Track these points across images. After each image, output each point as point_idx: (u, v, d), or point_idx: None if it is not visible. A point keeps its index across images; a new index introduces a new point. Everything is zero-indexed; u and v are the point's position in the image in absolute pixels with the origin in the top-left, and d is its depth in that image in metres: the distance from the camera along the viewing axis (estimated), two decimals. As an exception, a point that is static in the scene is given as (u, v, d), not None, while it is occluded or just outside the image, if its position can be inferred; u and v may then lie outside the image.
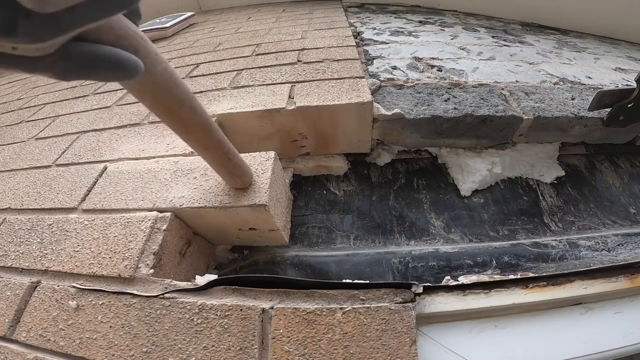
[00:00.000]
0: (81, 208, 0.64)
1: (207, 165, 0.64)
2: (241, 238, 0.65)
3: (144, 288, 0.49)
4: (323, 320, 0.42)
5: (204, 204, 0.56)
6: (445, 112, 0.77)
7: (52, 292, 0.51)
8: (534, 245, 0.68)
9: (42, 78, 1.78)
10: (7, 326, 0.50)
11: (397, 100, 0.84)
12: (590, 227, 0.71)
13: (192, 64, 1.22)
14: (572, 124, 0.79)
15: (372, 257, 0.67)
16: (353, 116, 0.76)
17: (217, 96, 0.90)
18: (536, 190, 0.78)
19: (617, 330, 0.44)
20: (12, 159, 0.89)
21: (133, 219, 0.57)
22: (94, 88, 1.26)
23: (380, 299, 0.44)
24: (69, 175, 0.73)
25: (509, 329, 0.45)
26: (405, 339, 0.41)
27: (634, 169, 0.83)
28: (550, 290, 0.46)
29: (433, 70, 1.03)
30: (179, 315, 0.45)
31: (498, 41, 1.36)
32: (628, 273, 0.47)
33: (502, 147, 0.83)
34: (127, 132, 0.84)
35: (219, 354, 0.42)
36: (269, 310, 0.44)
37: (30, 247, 0.59)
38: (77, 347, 0.45)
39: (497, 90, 0.88)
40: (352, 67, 0.95)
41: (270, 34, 1.47)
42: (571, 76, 1.00)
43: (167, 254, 0.54)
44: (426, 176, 0.83)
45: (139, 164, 0.70)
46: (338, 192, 0.81)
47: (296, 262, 0.67)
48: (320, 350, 0.41)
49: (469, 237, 0.70)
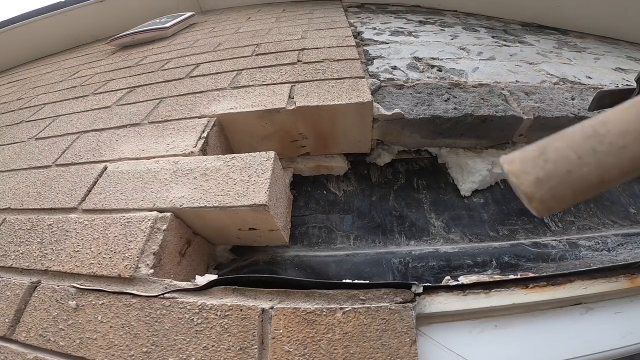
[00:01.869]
0: (81, 208, 0.64)
1: (207, 165, 0.64)
2: (241, 238, 0.65)
3: (144, 288, 0.49)
4: (323, 320, 0.42)
5: (204, 204, 0.56)
6: (445, 112, 0.77)
7: (52, 292, 0.51)
8: (534, 245, 0.67)
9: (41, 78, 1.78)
10: (7, 326, 0.50)
11: (397, 100, 0.84)
12: (590, 227, 0.71)
13: (192, 64, 1.22)
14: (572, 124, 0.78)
15: (372, 257, 0.67)
16: (353, 116, 0.76)
17: (217, 96, 0.90)
18: (536, 190, 0.78)
19: (617, 330, 0.44)
20: (12, 159, 0.89)
21: (133, 219, 0.57)
22: (94, 88, 1.26)
23: (380, 299, 0.44)
24: (69, 175, 0.73)
25: (509, 329, 0.45)
26: (405, 339, 0.41)
27: (634, 169, 0.83)
28: (550, 290, 0.46)
29: (433, 70, 1.03)
30: (179, 315, 0.45)
31: (498, 41, 1.36)
32: (628, 273, 0.47)
33: (502, 147, 0.83)
34: (127, 132, 0.84)
35: (219, 354, 0.42)
36: (269, 310, 0.44)
37: (30, 247, 0.59)
38: (77, 347, 0.45)
39: (497, 90, 0.88)
40: (352, 67, 0.94)
41: (270, 34, 1.47)
42: (571, 76, 1.00)
43: (167, 254, 0.54)
44: (426, 176, 0.83)
45: (139, 164, 0.70)
46: (338, 192, 0.81)
47: (296, 262, 0.67)
48: (320, 350, 0.41)
49: (469, 237, 0.70)
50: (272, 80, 0.93)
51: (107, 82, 1.30)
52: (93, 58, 1.90)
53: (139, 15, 2.43)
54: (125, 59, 1.62)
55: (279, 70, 1.00)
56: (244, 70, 1.05)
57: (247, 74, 1.01)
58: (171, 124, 0.83)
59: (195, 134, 0.75)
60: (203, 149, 0.72)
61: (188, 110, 0.87)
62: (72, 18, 2.54)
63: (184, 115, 0.85)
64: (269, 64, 1.07)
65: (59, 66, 1.99)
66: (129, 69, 1.41)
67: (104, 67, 1.57)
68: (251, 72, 1.02)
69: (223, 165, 0.63)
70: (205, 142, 0.73)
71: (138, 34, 1.88)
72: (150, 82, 1.15)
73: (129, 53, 1.73)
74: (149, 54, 1.58)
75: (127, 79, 1.26)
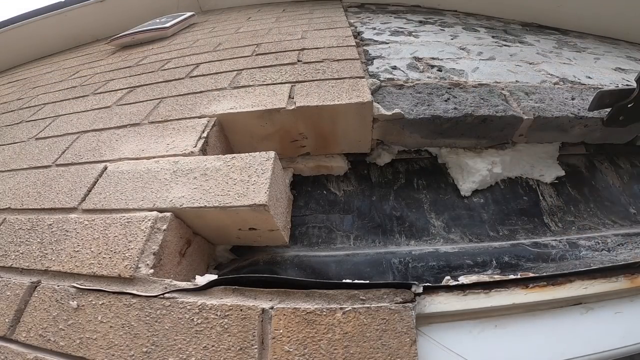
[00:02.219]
0: (81, 208, 0.64)
1: (207, 165, 0.64)
2: (241, 238, 0.65)
3: (144, 288, 0.49)
4: (323, 320, 0.42)
5: (204, 204, 0.56)
6: (445, 112, 0.77)
7: (52, 292, 0.51)
8: (534, 245, 0.67)
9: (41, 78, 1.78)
10: (7, 326, 0.50)
11: (397, 100, 0.84)
12: (590, 227, 0.71)
13: (192, 64, 1.22)
14: (572, 124, 0.78)
15: (372, 257, 0.67)
16: (353, 116, 0.76)
17: (217, 96, 0.90)
18: (536, 190, 0.78)
19: (617, 330, 0.44)
20: (12, 159, 0.89)
21: (133, 219, 0.57)
22: (94, 88, 1.26)
23: (380, 299, 0.44)
24: (69, 175, 0.73)
25: (509, 329, 0.45)
26: (405, 339, 0.41)
27: (634, 169, 0.83)
28: (550, 290, 0.46)
29: (433, 70, 1.03)
30: (179, 315, 0.45)
31: (498, 41, 1.36)
32: (628, 273, 0.47)
33: (502, 147, 0.83)
34: (127, 132, 0.84)
35: (219, 354, 0.42)
36: (269, 310, 0.44)
37: (30, 247, 0.59)
38: (77, 347, 0.45)
39: (497, 90, 0.88)
40: (352, 67, 0.94)
41: (270, 34, 1.47)
42: (571, 76, 1.00)
43: (167, 254, 0.54)
44: (426, 176, 0.83)
45: (139, 164, 0.70)
46: (338, 192, 0.81)
47: (296, 262, 0.67)
48: (320, 350, 0.41)
49: (469, 237, 0.70)
50: (272, 80, 0.93)
51: (107, 82, 1.30)
52: (93, 58, 1.90)
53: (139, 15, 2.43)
54: (125, 59, 1.62)
55: (279, 70, 1.00)
56: (244, 70, 1.05)
57: (247, 74, 1.01)
58: (171, 124, 0.83)
59: (195, 134, 0.75)
60: (203, 149, 0.72)
61: (188, 110, 0.87)
62: (72, 18, 2.54)
63: (184, 115, 0.85)
64: (269, 64, 1.07)
65: (59, 66, 1.99)
66: (129, 69, 1.41)
67: (104, 67, 1.57)
68: (251, 72, 1.02)
69: (223, 165, 0.63)
70: (205, 142, 0.73)
71: (138, 34, 1.88)
72: (150, 82, 1.15)
73: (129, 53, 1.73)
74: (149, 54, 1.58)
75: (127, 79, 1.26)
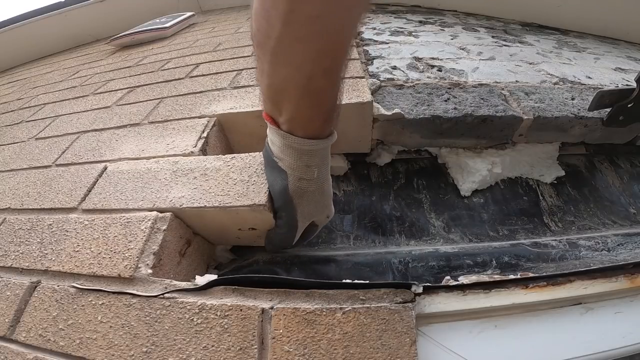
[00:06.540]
0: (81, 208, 0.64)
1: (207, 165, 0.64)
2: (241, 238, 0.65)
3: (143, 288, 0.49)
4: (323, 320, 0.42)
5: (204, 204, 0.56)
6: (445, 112, 0.77)
7: (52, 292, 0.51)
8: (534, 245, 0.67)
9: (41, 78, 1.78)
10: (7, 326, 0.50)
11: (397, 100, 0.84)
12: (590, 227, 0.71)
13: (192, 64, 1.22)
14: (572, 124, 0.79)
15: (372, 257, 0.67)
16: (353, 116, 0.76)
17: (217, 96, 0.90)
18: (536, 190, 0.78)
19: (617, 330, 0.44)
20: (12, 159, 0.89)
21: (133, 219, 0.57)
22: (94, 88, 1.26)
23: (380, 299, 0.44)
24: (69, 175, 0.73)
25: (509, 329, 0.45)
26: (405, 339, 0.41)
27: (634, 169, 0.83)
28: (550, 290, 0.46)
29: (433, 70, 1.03)
30: (179, 315, 0.45)
31: (498, 41, 1.36)
32: (628, 273, 0.47)
33: (502, 147, 0.83)
34: (127, 132, 0.84)
35: (218, 354, 0.42)
36: (268, 310, 0.44)
37: (30, 247, 0.59)
38: (77, 347, 0.45)
39: (497, 90, 0.88)
40: (352, 66, 0.94)
41: (270, 34, 1.47)
42: (571, 76, 1.00)
43: (167, 254, 0.54)
44: (426, 176, 0.83)
45: (139, 164, 0.70)
46: (338, 192, 0.81)
47: (296, 262, 0.67)
48: (320, 350, 0.41)
49: (469, 237, 0.70)
50: (272, 80, 0.93)
51: (107, 82, 1.30)
52: (93, 58, 1.90)
53: (139, 15, 2.42)
54: (125, 59, 1.62)
55: (279, 70, 1.00)
56: (244, 70, 1.05)
57: (247, 74, 1.01)
58: (171, 124, 0.83)
59: (195, 134, 0.75)
60: (203, 149, 0.72)
61: (188, 110, 0.87)
62: (72, 18, 2.54)
63: (184, 115, 0.85)
64: (269, 64, 1.07)
65: (59, 66, 1.99)
66: (128, 69, 1.41)
67: (104, 67, 1.57)
68: (251, 72, 1.02)
69: (223, 165, 0.63)
70: (205, 142, 0.73)
71: (138, 34, 1.88)
72: (150, 82, 1.15)
73: (128, 53, 1.73)
74: (149, 54, 1.58)
75: (127, 79, 1.26)
